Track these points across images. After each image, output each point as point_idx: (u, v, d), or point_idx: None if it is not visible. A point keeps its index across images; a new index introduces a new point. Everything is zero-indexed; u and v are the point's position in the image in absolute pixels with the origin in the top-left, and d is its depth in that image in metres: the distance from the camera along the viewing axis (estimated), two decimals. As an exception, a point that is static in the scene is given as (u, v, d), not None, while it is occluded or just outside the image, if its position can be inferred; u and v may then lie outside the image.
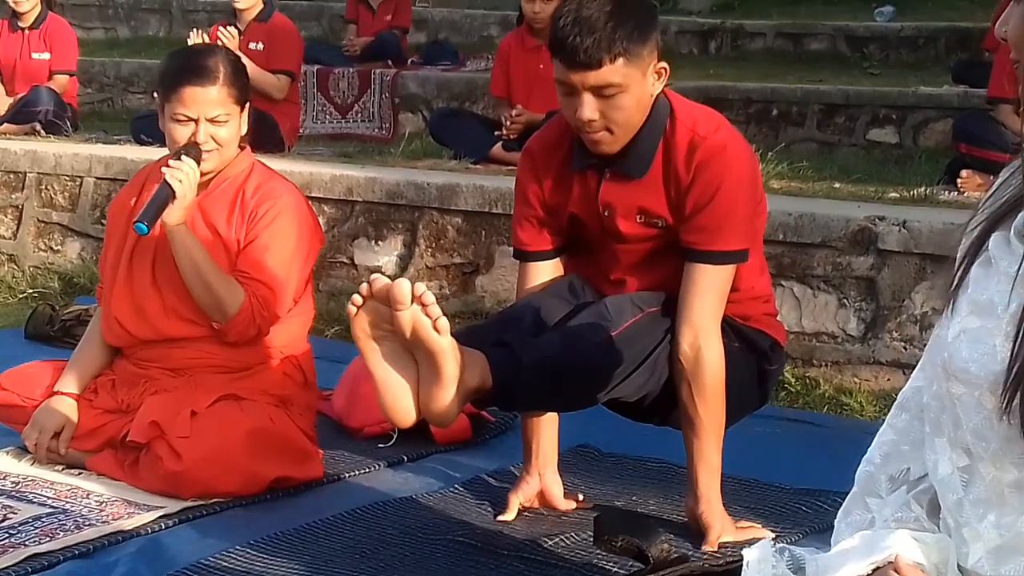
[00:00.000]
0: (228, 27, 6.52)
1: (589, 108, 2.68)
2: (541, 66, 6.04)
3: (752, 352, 2.90)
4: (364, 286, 2.27)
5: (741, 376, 2.85)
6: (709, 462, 2.79)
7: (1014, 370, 1.45)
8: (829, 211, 4.22)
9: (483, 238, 4.88)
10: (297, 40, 6.97)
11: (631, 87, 2.70)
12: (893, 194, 4.79)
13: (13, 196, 5.99)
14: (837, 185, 5.15)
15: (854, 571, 1.56)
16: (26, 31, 7.44)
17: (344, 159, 6.05)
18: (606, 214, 2.81)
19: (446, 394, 2.25)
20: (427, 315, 2.18)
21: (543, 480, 3.02)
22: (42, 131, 7.03)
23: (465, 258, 4.87)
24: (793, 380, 4.04)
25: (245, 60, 3.46)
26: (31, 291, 5.57)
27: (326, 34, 10.24)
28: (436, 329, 2.19)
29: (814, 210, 4.21)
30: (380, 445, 3.54)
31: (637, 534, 1.95)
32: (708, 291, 2.73)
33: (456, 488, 3.19)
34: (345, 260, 5.16)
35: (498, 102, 6.40)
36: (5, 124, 7.11)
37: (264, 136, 5.67)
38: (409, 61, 8.79)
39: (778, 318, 3.06)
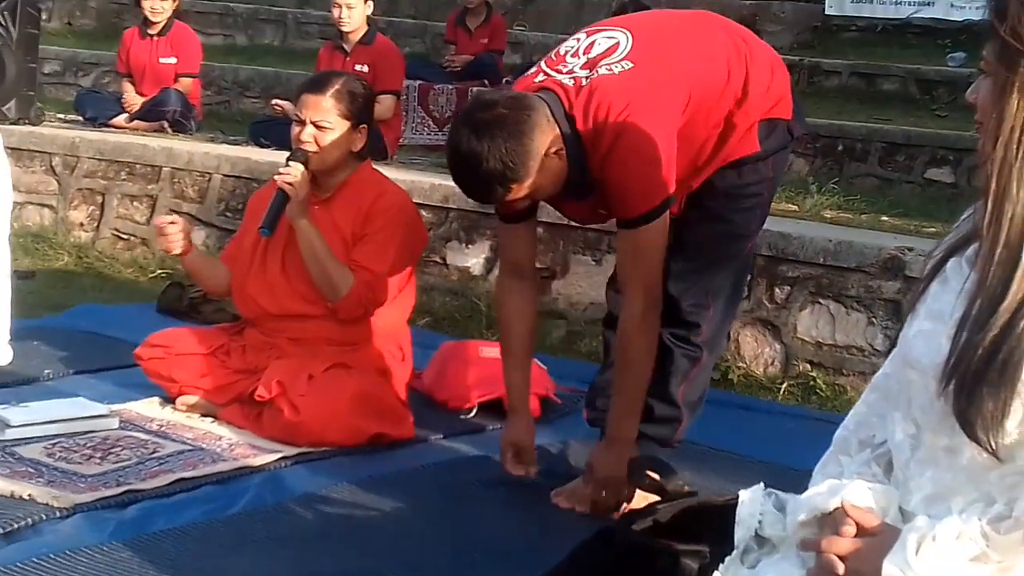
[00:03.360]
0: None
1: (519, 204, 3.12)
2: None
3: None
4: None
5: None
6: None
7: (949, 364, 1.74)
8: (866, 240, 4.71)
9: (560, 247, 5.28)
10: (400, 61, 7.32)
11: (533, 188, 3.00)
12: (931, 228, 5.22)
13: (149, 187, 6.47)
14: (884, 218, 5.61)
15: (820, 506, 1.92)
16: (155, 38, 7.89)
17: (441, 169, 6.35)
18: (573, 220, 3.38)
19: None
20: None
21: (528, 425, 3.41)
22: (169, 129, 7.52)
23: (543, 264, 5.20)
24: (824, 386, 4.53)
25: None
26: (160, 272, 6.06)
27: (428, 51, 10.62)
28: None
29: (852, 238, 4.71)
30: (462, 416, 4.06)
31: (660, 473, 2.49)
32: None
33: None
34: (438, 260, 5.60)
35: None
36: (136, 121, 7.63)
37: (369, 146, 6.19)
38: (504, 80, 8.96)
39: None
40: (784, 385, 4.63)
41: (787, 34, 10.60)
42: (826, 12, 10.55)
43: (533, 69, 3.18)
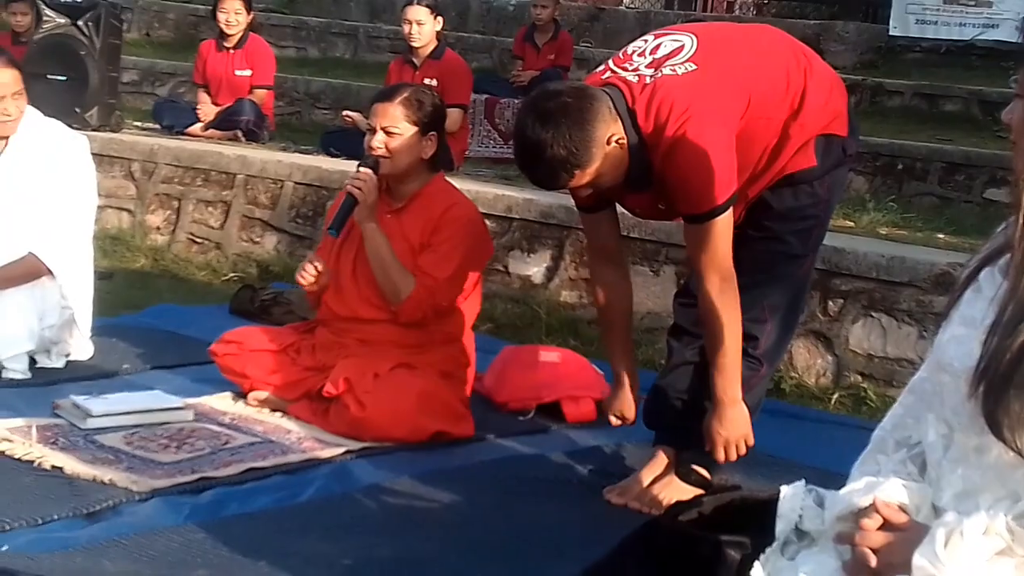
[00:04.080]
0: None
1: (579, 192, 3.26)
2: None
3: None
4: None
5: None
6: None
7: (980, 367, 1.83)
8: (918, 256, 4.80)
9: (619, 258, 5.48)
10: (468, 75, 7.43)
11: (595, 176, 3.11)
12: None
13: (223, 193, 6.65)
14: (940, 236, 5.67)
15: (856, 502, 2.02)
16: (231, 50, 8.03)
17: (505, 181, 6.58)
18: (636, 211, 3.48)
19: None
20: None
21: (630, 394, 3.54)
22: (243, 138, 7.69)
23: None
24: (875, 396, 4.61)
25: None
26: (232, 275, 6.24)
27: (496, 66, 10.69)
28: None
29: (905, 254, 4.80)
30: (520, 418, 4.20)
31: (706, 469, 2.63)
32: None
33: (575, 455, 3.85)
34: (500, 268, 5.72)
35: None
36: (211, 130, 7.82)
37: (438, 159, 6.31)
38: None
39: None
40: (835, 396, 4.73)
41: (851, 54, 10.62)
42: (890, 33, 10.55)
43: (601, 67, 3.31)
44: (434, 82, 7.02)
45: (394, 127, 3.90)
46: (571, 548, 3.02)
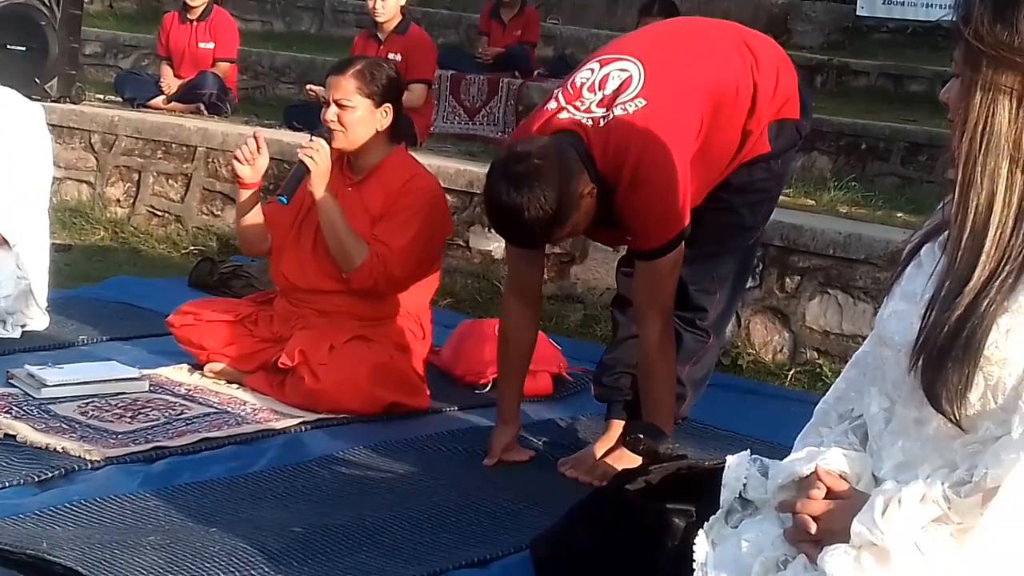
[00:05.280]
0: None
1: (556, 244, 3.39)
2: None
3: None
4: None
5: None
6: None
7: (919, 341, 1.87)
8: (875, 234, 4.84)
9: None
10: (432, 51, 7.46)
11: (572, 229, 3.23)
12: (942, 225, 5.33)
13: (184, 166, 6.64)
14: (899, 215, 5.73)
15: (798, 471, 2.05)
16: (194, 23, 8.08)
17: (468, 157, 6.59)
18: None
19: None
20: None
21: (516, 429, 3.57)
22: (205, 111, 7.71)
23: (564, 249, 5.34)
24: (830, 373, 4.63)
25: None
26: (193, 248, 6.24)
27: (462, 42, 10.68)
28: None
29: (862, 232, 4.84)
30: (476, 391, 4.21)
31: (652, 437, 2.65)
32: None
33: (529, 428, 3.84)
34: (461, 243, 5.73)
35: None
36: (174, 102, 7.83)
37: (399, 132, 6.32)
38: (535, 73, 9.19)
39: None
40: (792, 372, 4.77)
41: (818, 34, 10.66)
42: (858, 13, 10.57)
43: (552, 103, 3.31)
44: (398, 57, 7.03)
45: (347, 100, 3.90)
46: (522, 518, 3.06)
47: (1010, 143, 1.84)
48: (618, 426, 3.55)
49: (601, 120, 3.19)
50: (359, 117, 3.92)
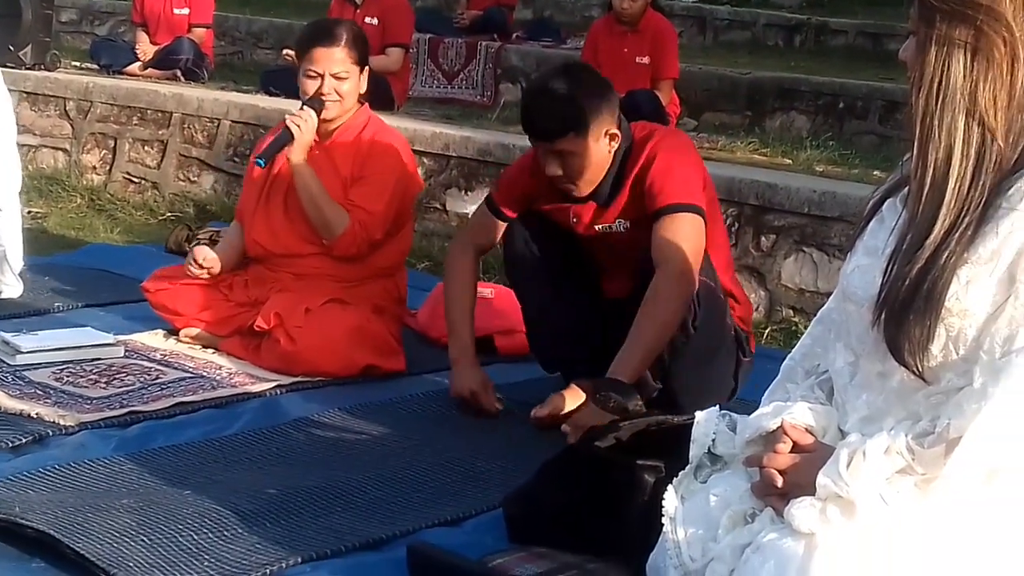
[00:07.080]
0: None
1: (551, 167, 3.39)
2: (625, 50, 6.70)
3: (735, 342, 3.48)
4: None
5: (724, 364, 3.46)
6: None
7: (881, 296, 1.90)
8: (850, 191, 4.85)
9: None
10: (409, 14, 7.40)
11: (582, 152, 3.34)
12: (918, 183, 5.34)
13: (159, 132, 6.62)
14: (876, 172, 5.73)
15: (764, 425, 2.09)
16: None
17: (446, 120, 6.56)
18: (574, 220, 3.52)
19: None
20: None
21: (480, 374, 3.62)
22: (182, 77, 7.65)
23: None
24: (805, 331, 4.67)
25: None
26: (169, 214, 6.23)
27: (440, 5, 10.61)
28: None
29: (837, 190, 4.86)
30: (453, 353, 4.25)
31: (622, 394, 2.67)
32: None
33: (503, 388, 3.83)
34: (438, 206, 5.74)
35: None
36: (150, 69, 7.76)
37: (377, 96, 6.16)
38: (514, 36, 9.15)
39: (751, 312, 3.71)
40: (768, 330, 4.78)
41: (797, -8, 10.66)
42: (836, -28, 10.58)
43: None
44: (375, 21, 7.00)
45: (343, 72, 3.93)
46: (494, 477, 3.07)
47: (966, 96, 1.86)
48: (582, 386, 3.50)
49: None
50: (352, 85, 3.97)
